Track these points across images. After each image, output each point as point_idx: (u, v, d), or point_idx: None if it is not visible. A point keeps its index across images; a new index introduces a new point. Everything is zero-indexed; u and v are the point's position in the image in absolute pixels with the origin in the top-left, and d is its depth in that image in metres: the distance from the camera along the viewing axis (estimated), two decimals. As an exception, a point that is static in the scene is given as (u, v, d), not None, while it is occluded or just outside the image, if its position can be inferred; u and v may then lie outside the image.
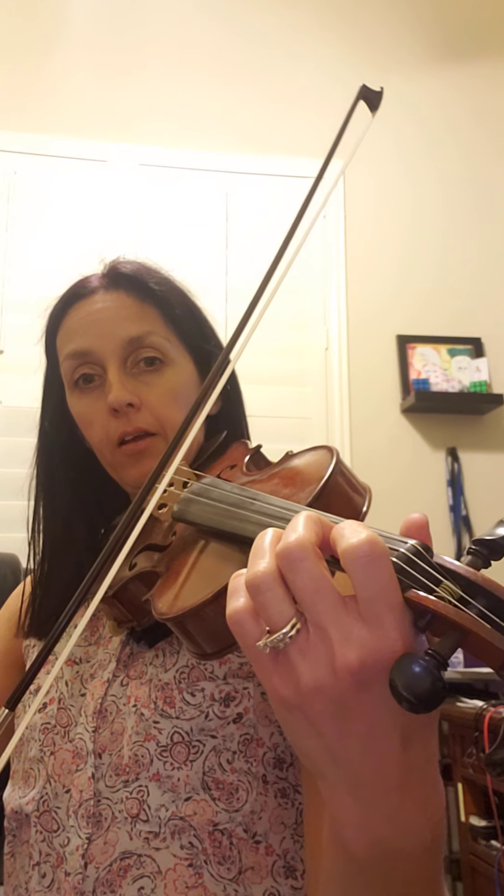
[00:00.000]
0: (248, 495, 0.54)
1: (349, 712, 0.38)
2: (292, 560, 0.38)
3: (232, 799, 0.66)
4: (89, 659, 0.77)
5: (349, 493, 0.53)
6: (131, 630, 0.70)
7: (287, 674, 0.39)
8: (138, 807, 0.66)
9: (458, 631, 0.36)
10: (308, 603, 0.38)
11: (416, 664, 0.35)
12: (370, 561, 0.37)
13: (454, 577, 0.39)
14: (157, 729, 0.67)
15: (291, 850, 0.67)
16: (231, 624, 0.41)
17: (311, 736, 0.40)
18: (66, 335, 0.80)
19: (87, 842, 0.66)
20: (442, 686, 0.35)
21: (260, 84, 2.97)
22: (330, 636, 0.37)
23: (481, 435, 2.79)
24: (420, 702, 0.34)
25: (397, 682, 0.35)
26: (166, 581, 0.59)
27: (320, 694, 0.38)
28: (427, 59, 3.09)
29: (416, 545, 0.40)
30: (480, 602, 0.38)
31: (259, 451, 0.73)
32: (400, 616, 0.37)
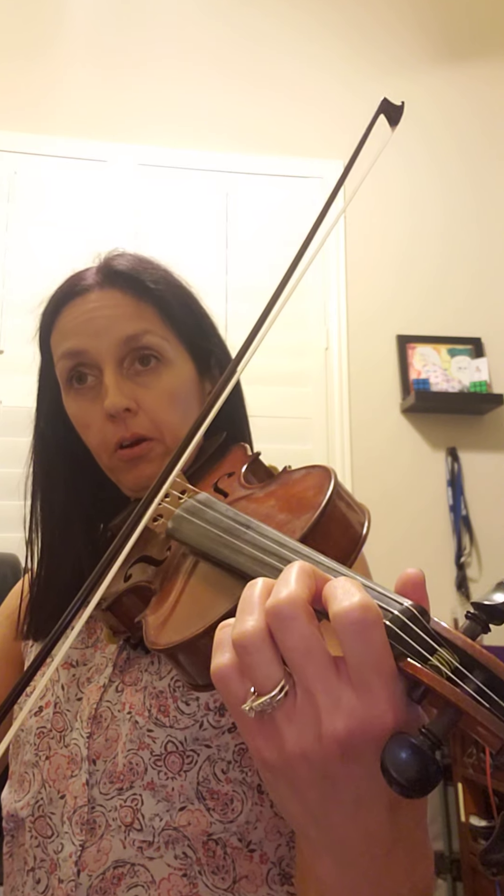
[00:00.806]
0: (241, 521, 0.52)
1: (334, 781, 0.36)
2: (283, 618, 0.36)
3: (227, 810, 0.65)
4: (86, 662, 0.76)
5: (347, 519, 0.52)
6: (127, 639, 0.70)
7: (271, 737, 0.37)
8: (132, 815, 0.65)
9: (454, 710, 0.34)
10: (297, 665, 0.36)
11: (408, 747, 0.33)
12: (361, 628, 0.35)
13: (450, 646, 0.37)
14: (151, 737, 0.66)
15: (287, 857, 0.66)
16: (215, 680, 0.39)
17: (293, 800, 0.38)
18: (60, 334, 0.78)
19: (81, 849, 0.65)
20: (436, 770, 0.33)
21: (260, 84, 2.96)
22: (318, 702, 0.36)
23: (481, 435, 2.79)
24: (412, 787, 0.33)
25: (388, 765, 0.33)
26: (158, 604, 0.58)
27: (305, 760, 0.36)
28: (427, 59, 3.09)
29: (411, 608, 0.38)
30: (478, 677, 0.36)
31: (258, 459, 0.71)
32: (391, 685, 0.35)
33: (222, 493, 0.66)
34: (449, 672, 0.36)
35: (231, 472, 0.70)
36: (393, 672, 0.36)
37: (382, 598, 0.39)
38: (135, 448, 0.74)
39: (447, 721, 0.34)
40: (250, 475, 0.68)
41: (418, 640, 0.37)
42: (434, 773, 0.33)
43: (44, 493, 0.83)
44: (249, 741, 0.39)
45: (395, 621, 0.37)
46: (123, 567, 0.65)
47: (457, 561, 2.64)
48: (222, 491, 0.67)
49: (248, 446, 0.75)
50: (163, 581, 0.61)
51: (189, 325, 0.81)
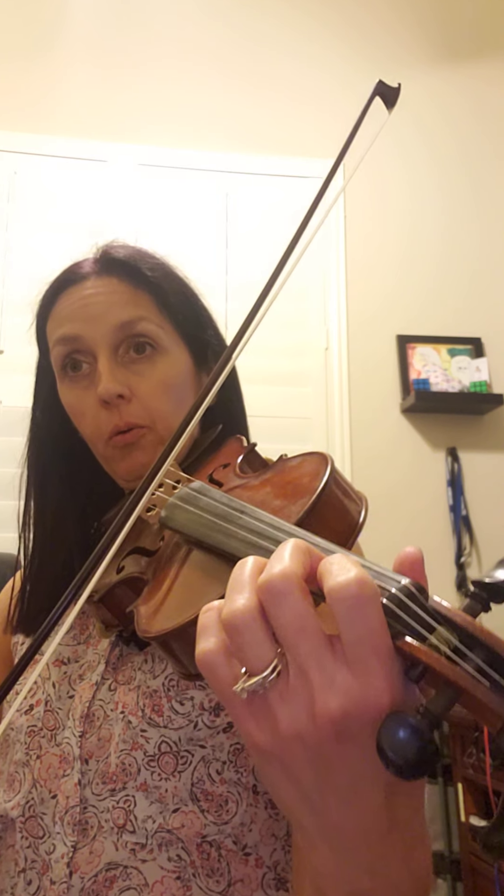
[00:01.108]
0: (235, 507, 0.51)
1: (329, 763, 0.35)
2: (276, 594, 0.35)
3: (221, 811, 0.63)
4: (78, 659, 0.75)
5: (343, 505, 0.50)
6: (120, 633, 0.69)
7: (263, 719, 0.36)
8: (125, 817, 0.63)
9: (453, 688, 0.33)
10: (290, 643, 0.35)
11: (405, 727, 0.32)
12: (358, 603, 0.34)
13: (450, 624, 0.36)
14: (144, 738, 0.65)
15: (282, 862, 0.65)
16: (200, 666, 0.38)
17: (287, 785, 0.37)
18: (56, 321, 0.77)
19: (73, 850, 0.64)
20: (433, 751, 0.32)
21: (260, 84, 2.96)
22: (311, 680, 0.35)
23: (481, 435, 2.79)
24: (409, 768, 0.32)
25: (384, 744, 0.32)
26: (150, 593, 0.57)
27: (299, 741, 0.35)
28: (427, 59, 3.09)
29: (409, 585, 0.37)
30: (478, 655, 0.34)
31: (254, 450, 0.70)
32: (388, 664, 0.34)
33: (217, 483, 0.65)
34: (448, 651, 0.35)
35: (227, 464, 0.69)
36: (390, 650, 0.35)
37: (379, 576, 0.38)
38: (127, 434, 0.73)
39: (446, 700, 0.33)
40: (246, 465, 0.67)
41: (416, 618, 0.36)
42: (431, 754, 0.32)
43: (38, 488, 0.83)
44: (240, 725, 0.37)
45: (392, 599, 0.36)
46: (116, 559, 0.64)
47: (457, 561, 2.64)
48: (217, 481, 0.66)
49: (244, 438, 0.74)
50: (155, 571, 0.60)
51: (186, 315, 0.80)
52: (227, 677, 0.37)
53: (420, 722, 0.32)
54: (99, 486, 0.83)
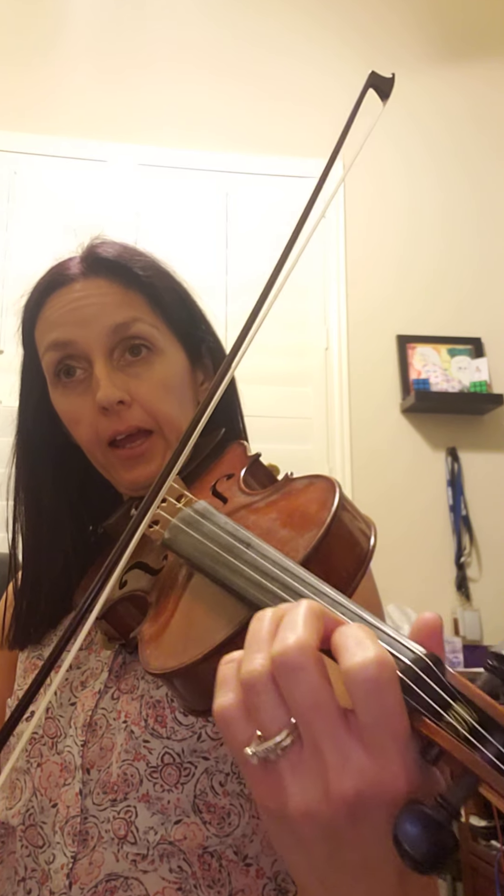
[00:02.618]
0: (241, 538, 0.50)
1: (341, 841, 0.34)
2: (289, 668, 0.33)
3: (224, 823, 0.62)
4: (80, 665, 0.73)
5: (353, 535, 0.49)
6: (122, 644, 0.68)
7: (276, 789, 0.35)
8: (126, 828, 0.62)
9: (473, 777, 0.32)
10: (304, 718, 0.34)
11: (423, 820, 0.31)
12: (377, 687, 0.32)
13: (468, 703, 0.34)
14: (147, 749, 0.64)
15: (283, 872, 0.64)
16: (218, 720, 0.36)
17: (298, 854, 0.36)
18: (45, 326, 0.75)
19: (73, 861, 0.62)
20: (452, 844, 0.31)
21: (260, 84, 2.96)
22: (325, 757, 0.33)
23: (481, 435, 2.79)
24: (426, 862, 0.30)
25: (401, 838, 0.31)
26: (154, 619, 0.56)
27: (310, 819, 0.34)
28: (426, 60, 3.09)
29: (425, 658, 0.35)
30: (498, 739, 0.32)
31: (258, 461, 0.68)
32: (405, 746, 0.33)
33: (221, 497, 0.64)
34: (466, 732, 0.33)
35: (230, 474, 0.67)
36: (407, 733, 0.33)
37: (393, 643, 0.36)
38: (134, 448, 0.72)
39: (465, 789, 0.32)
40: (250, 479, 0.66)
41: (432, 695, 0.34)
42: (450, 848, 0.31)
43: (28, 493, 0.80)
44: (252, 787, 0.36)
45: (407, 672, 0.34)
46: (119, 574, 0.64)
47: (457, 561, 2.64)
48: (221, 495, 0.65)
49: (246, 444, 0.73)
50: (159, 593, 0.59)
51: (179, 313, 0.78)
52: (243, 735, 0.35)
53: (438, 813, 0.31)
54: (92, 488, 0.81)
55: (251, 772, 0.36)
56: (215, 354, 0.82)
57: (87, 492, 0.82)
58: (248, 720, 0.35)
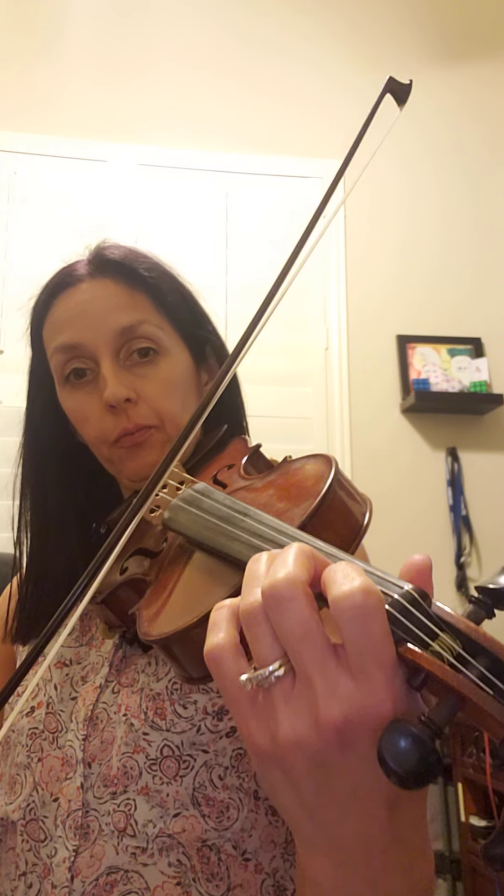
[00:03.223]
0: (238, 509, 0.51)
1: (330, 771, 0.35)
2: (279, 600, 0.35)
3: (222, 817, 0.63)
4: (80, 660, 0.74)
5: (348, 508, 0.50)
6: (123, 634, 0.68)
7: (265, 720, 0.36)
8: (125, 821, 0.63)
9: (456, 697, 0.33)
10: (294, 648, 0.35)
11: (407, 735, 0.31)
12: (362, 613, 0.34)
13: (453, 630, 0.35)
14: (146, 741, 0.64)
15: (281, 869, 0.65)
16: (208, 660, 0.38)
17: (287, 791, 0.37)
18: (53, 328, 0.76)
19: (74, 854, 0.63)
20: (435, 760, 0.32)
21: (260, 84, 2.97)
22: (315, 686, 0.34)
23: (481, 435, 2.79)
24: (411, 777, 0.31)
25: (386, 754, 0.32)
26: (153, 595, 0.57)
27: (299, 748, 0.35)
28: (426, 60, 3.09)
29: (412, 591, 0.36)
30: (481, 662, 0.34)
31: (258, 451, 0.70)
32: (391, 672, 0.34)
33: (221, 484, 0.65)
34: (451, 658, 0.34)
35: (231, 465, 0.68)
36: (393, 659, 0.34)
37: (383, 581, 0.37)
38: (135, 434, 0.73)
39: (449, 709, 0.33)
40: (250, 467, 0.67)
41: (419, 625, 0.35)
42: (433, 764, 0.31)
43: (35, 492, 0.81)
44: (242, 725, 0.37)
45: (395, 605, 0.36)
46: (119, 560, 0.64)
47: (457, 561, 2.64)
48: (221, 482, 0.65)
49: (248, 439, 0.74)
50: (158, 573, 0.59)
51: (184, 313, 0.79)
52: (233, 673, 0.37)
53: (422, 731, 0.32)
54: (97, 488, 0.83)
55: (241, 707, 0.37)
56: (219, 354, 0.83)
57: (92, 491, 0.83)
58: (237, 657, 0.37)
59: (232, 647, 0.37)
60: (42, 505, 0.81)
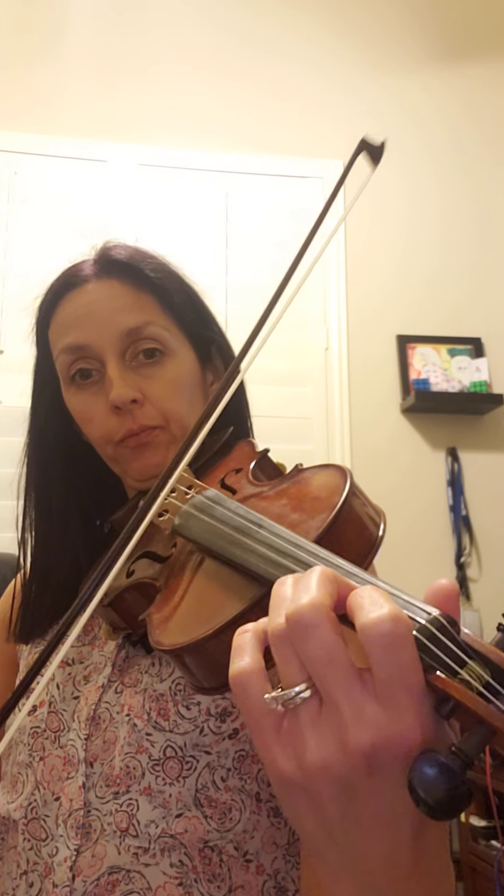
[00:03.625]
0: (253, 520, 0.50)
1: (356, 796, 0.35)
2: (304, 626, 0.34)
3: (224, 818, 0.63)
4: (83, 660, 0.74)
5: (363, 521, 0.49)
6: (128, 636, 0.68)
7: (291, 745, 0.36)
8: (127, 821, 0.63)
9: (487, 728, 0.33)
10: (318, 674, 0.35)
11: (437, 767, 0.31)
12: (391, 642, 0.33)
13: (482, 659, 0.35)
14: (149, 741, 0.64)
15: (283, 871, 0.65)
16: (234, 685, 0.37)
17: (311, 816, 0.36)
18: (59, 328, 0.76)
19: (76, 853, 0.63)
20: (465, 791, 0.31)
21: (260, 84, 2.96)
22: (342, 711, 0.34)
23: (481, 435, 2.79)
24: (441, 808, 0.31)
25: (416, 783, 0.32)
26: (163, 602, 0.56)
27: (326, 773, 0.34)
28: (426, 60, 3.09)
29: (440, 618, 0.36)
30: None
31: (267, 456, 0.69)
32: (419, 700, 0.34)
33: (230, 489, 0.65)
34: (480, 687, 0.34)
35: (239, 469, 0.68)
36: (422, 687, 0.34)
37: (409, 606, 0.37)
38: (140, 435, 0.73)
39: (479, 739, 0.33)
40: (259, 472, 0.66)
41: (447, 652, 0.35)
42: (464, 794, 0.31)
43: (39, 491, 0.82)
44: (265, 751, 0.37)
45: (422, 631, 0.35)
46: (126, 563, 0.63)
47: (457, 561, 2.64)
48: (230, 487, 0.65)
49: (255, 442, 0.74)
50: (168, 578, 0.59)
51: (190, 314, 0.79)
52: (258, 698, 0.36)
53: (453, 761, 0.32)
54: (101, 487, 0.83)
55: (265, 732, 0.36)
56: (225, 355, 0.83)
57: (97, 491, 0.83)
58: (264, 682, 0.37)
59: (258, 672, 0.37)
60: (46, 504, 0.81)
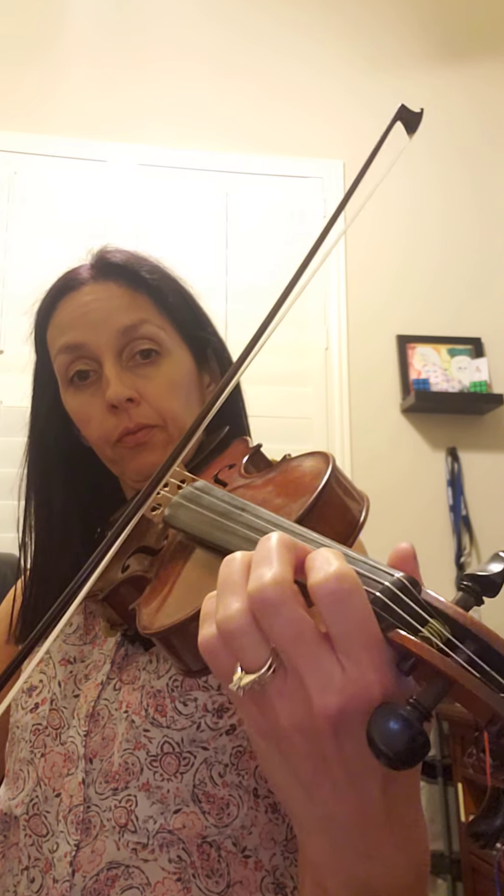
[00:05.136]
0: (237, 505, 0.52)
1: (326, 757, 0.36)
2: (269, 605, 0.35)
3: (222, 814, 0.64)
4: (84, 658, 0.75)
5: (345, 503, 0.51)
6: (125, 632, 0.69)
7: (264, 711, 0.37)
8: (126, 816, 0.64)
9: (444, 679, 0.34)
10: (286, 649, 0.35)
11: (395, 718, 0.32)
12: (339, 597, 0.34)
13: (442, 616, 0.36)
14: (147, 737, 0.65)
15: (281, 867, 0.65)
16: (203, 651, 0.38)
17: (286, 772, 0.38)
18: (56, 329, 0.77)
19: (76, 849, 0.64)
20: (423, 742, 0.32)
21: (260, 84, 2.96)
22: (306, 681, 0.35)
23: (481, 435, 2.79)
24: (399, 758, 0.32)
25: (374, 735, 0.32)
26: (153, 591, 0.57)
27: (299, 733, 0.36)
28: (427, 59, 3.09)
29: (401, 579, 0.37)
30: (469, 647, 0.35)
31: (259, 450, 0.70)
32: (378, 655, 0.35)
33: (221, 483, 0.66)
34: (440, 643, 0.35)
35: (232, 464, 0.69)
36: (378, 641, 0.35)
37: (372, 570, 0.38)
38: (138, 434, 0.74)
39: (437, 691, 0.34)
40: (250, 466, 0.68)
41: (409, 611, 0.36)
42: (422, 745, 0.32)
43: (40, 494, 0.82)
44: (243, 710, 0.38)
45: (385, 592, 0.36)
46: (121, 558, 0.64)
47: (457, 561, 2.64)
48: (221, 481, 0.66)
49: (249, 440, 0.75)
50: (158, 570, 0.60)
51: (185, 315, 0.80)
52: (228, 664, 0.37)
53: (410, 713, 0.33)
54: (101, 490, 0.84)
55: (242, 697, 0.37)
56: (220, 356, 0.84)
57: (97, 493, 0.84)
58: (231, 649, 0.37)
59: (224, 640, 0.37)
60: (47, 508, 0.82)
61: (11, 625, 0.81)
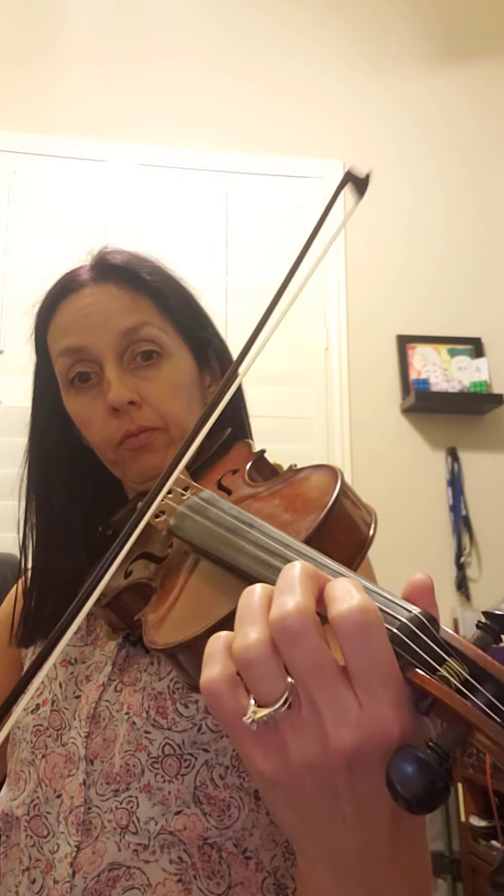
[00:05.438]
0: (244, 520, 0.51)
1: (336, 793, 0.35)
2: (291, 633, 0.34)
3: (223, 816, 0.64)
4: (85, 660, 0.75)
5: (353, 521, 0.50)
6: (126, 635, 0.69)
7: (271, 748, 0.36)
8: (127, 818, 0.64)
9: (463, 723, 0.33)
10: (304, 679, 0.34)
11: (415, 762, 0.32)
12: (361, 631, 0.34)
13: (460, 656, 0.35)
14: (148, 739, 0.65)
15: (282, 868, 0.65)
16: (205, 694, 0.37)
17: (291, 812, 0.37)
18: (57, 332, 0.77)
19: (76, 850, 0.64)
20: (443, 786, 0.32)
21: (260, 84, 2.96)
22: (323, 715, 0.34)
23: (481, 435, 2.79)
24: (418, 803, 0.32)
25: (394, 779, 0.32)
26: (159, 602, 0.57)
27: (309, 772, 0.35)
28: (427, 58, 3.08)
29: (419, 616, 0.36)
30: (488, 689, 0.34)
31: (263, 457, 0.70)
32: (396, 693, 0.34)
33: (226, 490, 0.65)
34: (458, 683, 0.34)
35: (235, 470, 0.68)
36: (398, 679, 0.34)
37: (389, 604, 0.37)
38: (139, 436, 0.73)
39: (456, 735, 0.33)
40: (255, 473, 0.67)
41: (426, 650, 0.35)
42: (441, 789, 0.32)
43: (41, 495, 0.82)
44: (245, 752, 0.37)
45: (402, 629, 0.36)
46: (124, 563, 0.64)
47: (457, 561, 2.64)
48: (226, 488, 0.66)
49: (251, 443, 0.74)
50: (164, 579, 0.60)
51: (186, 316, 0.80)
52: (232, 706, 0.36)
53: (430, 757, 0.32)
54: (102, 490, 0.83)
55: (243, 738, 0.36)
56: (221, 357, 0.84)
57: (98, 494, 0.84)
58: (236, 690, 0.36)
59: (229, 680, 0.37)
60: (48, 509, 0.81)
61: (13, 627, 0.81)
